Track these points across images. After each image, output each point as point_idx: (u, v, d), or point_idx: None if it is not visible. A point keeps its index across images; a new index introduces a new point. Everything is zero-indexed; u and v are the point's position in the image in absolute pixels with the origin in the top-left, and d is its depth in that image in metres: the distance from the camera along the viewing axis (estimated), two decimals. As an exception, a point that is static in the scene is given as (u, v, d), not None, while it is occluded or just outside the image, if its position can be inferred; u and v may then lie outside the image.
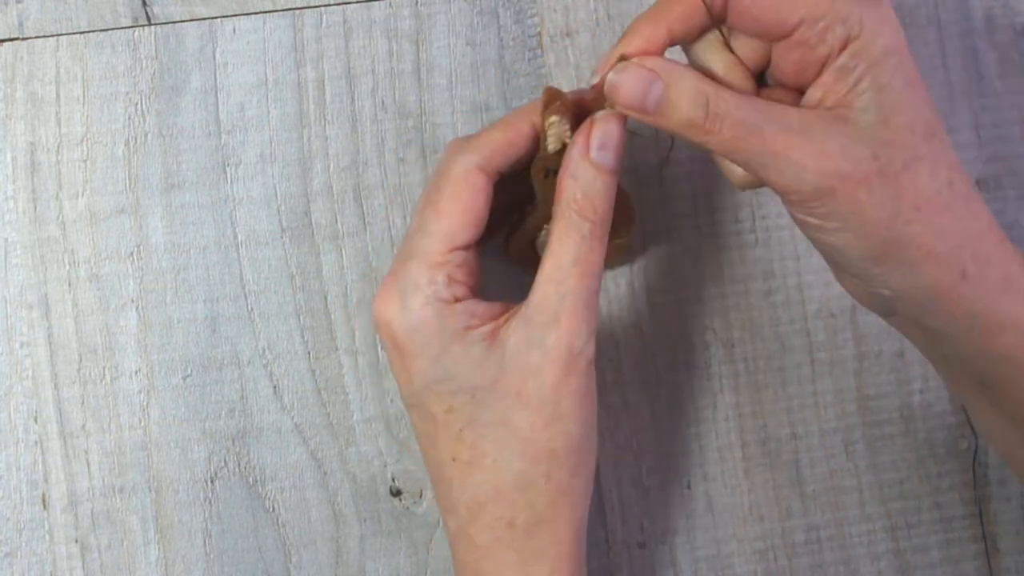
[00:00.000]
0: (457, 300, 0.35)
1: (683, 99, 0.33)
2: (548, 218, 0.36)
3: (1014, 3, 0.47)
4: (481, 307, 0.35)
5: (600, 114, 0.35)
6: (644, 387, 0.46)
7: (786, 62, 0.35)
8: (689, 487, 0.46)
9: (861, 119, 0.33)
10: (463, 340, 0.35)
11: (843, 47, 0.33)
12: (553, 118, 0.36)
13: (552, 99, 0.36)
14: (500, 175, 0.36)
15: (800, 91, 0.35)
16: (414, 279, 0.35)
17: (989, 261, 0.34)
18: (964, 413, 0.46)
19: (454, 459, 0.36)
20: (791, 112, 0.33)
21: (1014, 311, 0.34)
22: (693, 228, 0.46)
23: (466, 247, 0.36)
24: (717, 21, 0.35)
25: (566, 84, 0.46)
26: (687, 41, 0.35)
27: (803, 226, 0.35)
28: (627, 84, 0.33)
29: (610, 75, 0.34)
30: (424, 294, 0.35)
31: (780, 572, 0.45)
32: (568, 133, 0.36)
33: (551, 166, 0.36)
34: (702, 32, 0.35)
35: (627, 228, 0.40)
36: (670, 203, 0.46)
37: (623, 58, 0.34)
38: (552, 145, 0.36)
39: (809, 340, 0.46)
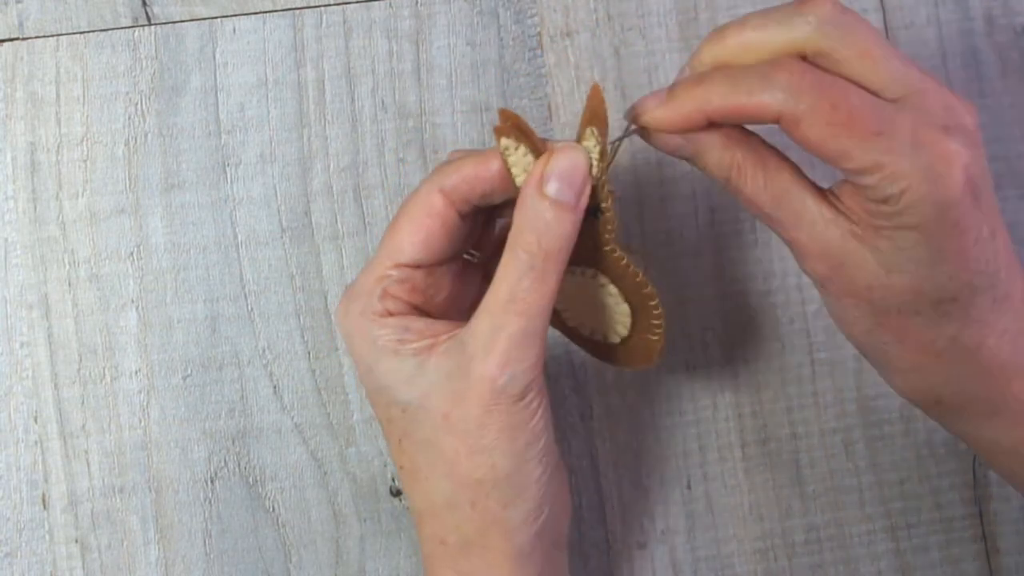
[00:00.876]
0: (390, 314, 0.35)
1: (710, 166, 0.34)
2: None
3: (1014, 3, 0.47)
4: (419, 323, 0.35)
5: (560, 144, 0.34)
6: (644, 387, 0.46)
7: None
8: (689, 487, 0.46)
9: (872, 252, 0.33)
10: (395, 354, 0.34)
11: (880, 203, 0.32)
12: (505, 142, 0.34)
13: (504, 122, 0.33)
14: (470, 205, 0.35)
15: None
16: (358, 288, 0.35)
17: None
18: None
19: (400, 467, 0.36)
20: (810, 205, 0.33)
21: None
22: (693, 228, 0.46)
23: (413, 265, 0.35)
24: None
25: (566, 84, 0.46)
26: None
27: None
28: (661, 137, 0.34)
29: (655, 113, 0.34)
30: (362, 303, 0.35)
31: (780, 572, 0.45)
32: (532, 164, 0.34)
33: None
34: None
35: (654, 325, 0.37)
36: (670, 203, 0.46)
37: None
38: (519, 177, 0.34)
39: (809, 340, 0.46)
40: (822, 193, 0.34)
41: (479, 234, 0.38)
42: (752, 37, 0.33)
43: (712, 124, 0.33)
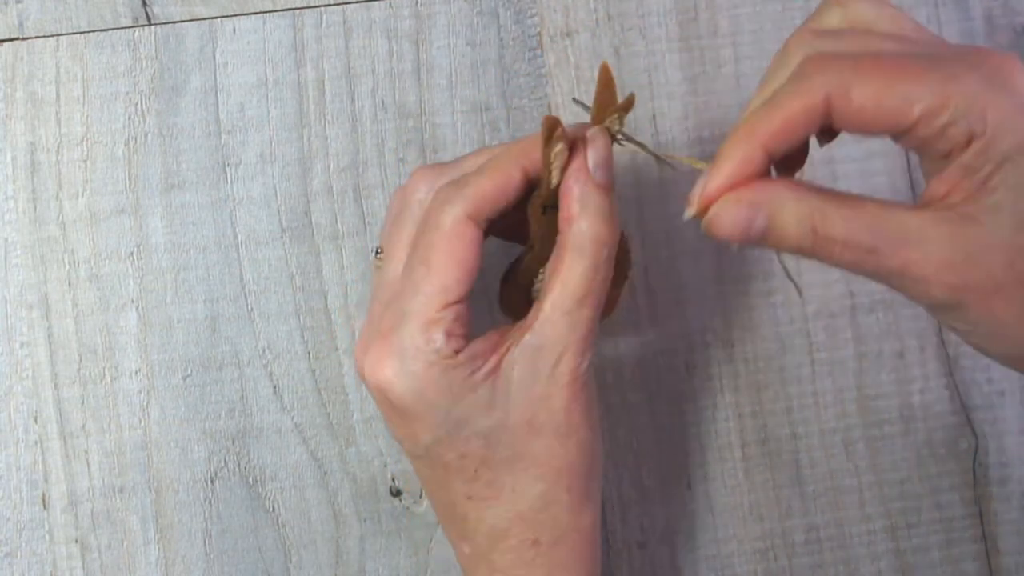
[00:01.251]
0: (457, 352, 0.34)
1: (789, 226, 0.30)
2: (545, 259, 0.35)
3: (1014, 3, 0.47)
4: (479, 346, 0.34)
5: (591, 132, 0.34)
6: (644, 387, 0.46)
7: (909, 148, 0.32)
8: (689, 487, 0.46)
9: (992, 221, 0.29)
10: (470, 387, 0.34)
11: (967, 144, 0.29)
12: (559, 147, 0.33)
13: (553, 128, 0.33)
14: (489, 221, 0.35)
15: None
16: (412, 342, 0.34)
17: None
18: (964, 413, 0.46)
19: (470, 497, 0.36)
20: (908, 219, 0.30)
21: None
22: (693, 228, 0.46)
23: (460, 301, 0.34)
24: (819, 128, 0.30)
25: (566, 84, 0.46)
26: (787, 153, 0.31)
27: (947, 328, 0.34)
28: (727, 221, 0.30)
29: (701, 192, 0.31)
30: (425, 356, 0.34)
31: (780, 572, 0.45)
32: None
33: (549, 203, 0.35)
34: (803, 141, 0.31)
35: (623, 278, 0.38)
36: (670, 203, 0.46)
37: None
38: (556, 178, 0.34)
39: (809, 340, 0.46)
40: (912, 205, 0.30)
41: None
42: (772, 81, 0.31)
43: (769, 164, 0.30)
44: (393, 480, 0.44)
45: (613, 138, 0.35)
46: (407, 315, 0.34)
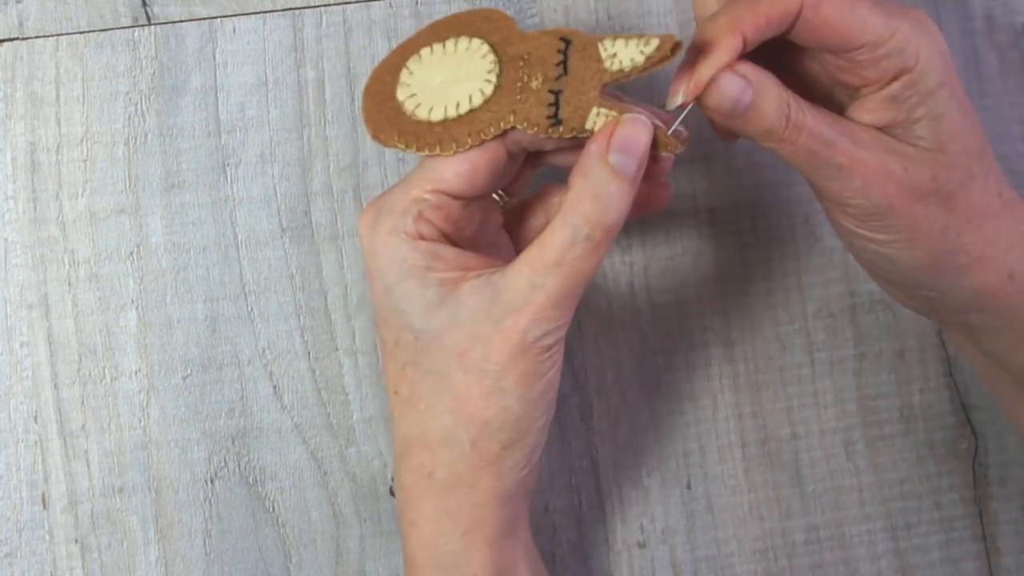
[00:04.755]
0: (422, 238, 0.35)
1: (769, 108, 0.34)
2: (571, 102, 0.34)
3: (1014, 3, 0.47)
4: (449, 252, 0.35)
5: (628, 116, 0.33)
6: (644, 387, 0.46)
7: (826, 72, 0.36)
8: (689, 487, 0.46)
9: (919, 144, 0.35)
10: (420, 279, 0.34)
11: (896, 77, 0.34)
12: (619, 42, 0.34)
13: (672, 47, 0.34)
14: (520, 147, 0.36)
15: (829, 100, 0.37)
16: (391, 204, 0.35)
17: None
18: (964, 413, 0.46)
19: (396, 392, 0.36)
20: (859, 130, 0.35)
21: None
22: (693, 228, 0.46)
23: (452, 195, 0.35)
24: (784, 31, 0.35)
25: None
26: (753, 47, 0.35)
27: (852, 237, 0.36)
28: (725, 89, 0.34)
29: (695, 76, 0.34)
30: (393, 221, 0.35)
31: (780, 572, 0.45)
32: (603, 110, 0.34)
33: (606, 80, 0.34)
34: (770, 40, 0.35)
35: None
36: (670, 203, 0.46)
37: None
38: (617, 66, 0.34)
39: (809, 340, 0.46)
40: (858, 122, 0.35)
41: (515, 177, 0.38)
42: None
43: (747, 52, 0.34)
44: (393, 480, 0.44)
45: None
46: (404, 182, 0.36)
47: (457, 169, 0.35)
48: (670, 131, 0.34)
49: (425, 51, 0.36)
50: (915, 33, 0.34)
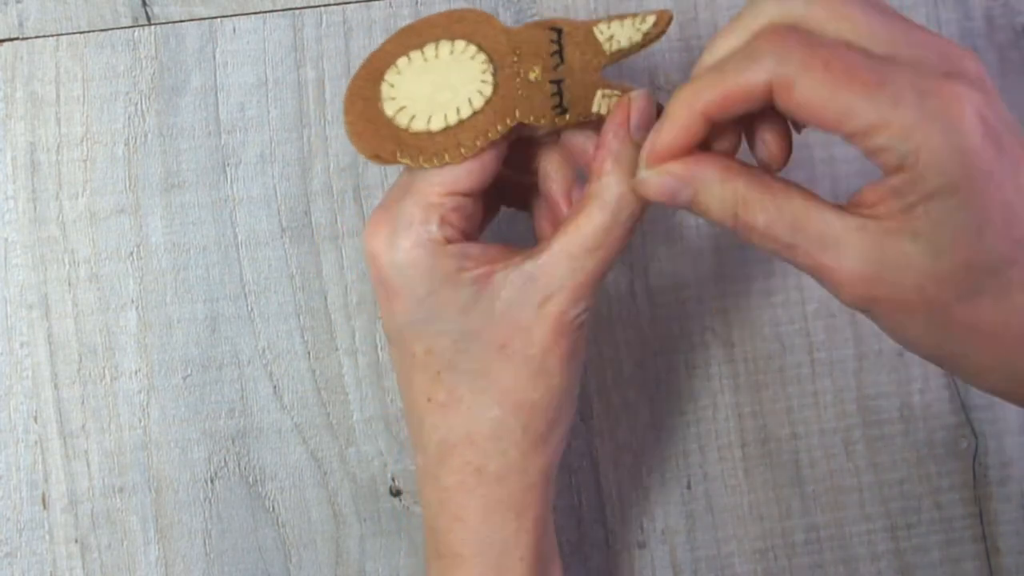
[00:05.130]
0: (449, 242, 0.34)
1: (712, 205, 0.31)
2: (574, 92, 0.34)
3: (1014, 3, 0.47)
4: (475, 249, 0.35)
5: (636, 93, 0.34)
6: (644, 387, 0.46)
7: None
8: (689, 487, 0.46)
9: (911, 245, 0.29)
10: (453, 283, 0.34)
11: (898, 169, 0.29)
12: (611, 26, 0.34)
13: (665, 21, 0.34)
14: (517, 134, 0.35)
15: None
16: (407, 216, 0.34)
17: None
18: (964, 413, 0.46)
19: (429, 399, 0.36)
20: (831, 221, 0.30)
21: None
22: (693, 228, 0.46)
23: (466, 193, 0.35)
24: (763, 106, 0.31)
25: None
26: (728, 120, 0.32)
27: None
28: (653, 187, 0.32)
29: (640, 174, 0.32)
30: (416, 233, 0.34)
31: (780, 572, 0.45)
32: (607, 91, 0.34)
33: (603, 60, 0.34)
34: (746, 113, 0.31)
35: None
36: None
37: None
38: (616, 46, 0.34)
39: (809, 340, 0.46)
40: (839, 207, 0.31)
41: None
42: (730, 39, 0.31)
43: (713, 131, 0.32)
44: (393, 480, 0.44)
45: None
46: (411, 191, 0.35)
47: (469, 167, 0.35)
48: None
49: (402, 61, 0.35)
50: (922, 125, 0.28)
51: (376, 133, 0.35)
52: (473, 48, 0.35)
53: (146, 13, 0.44)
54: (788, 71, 0.29)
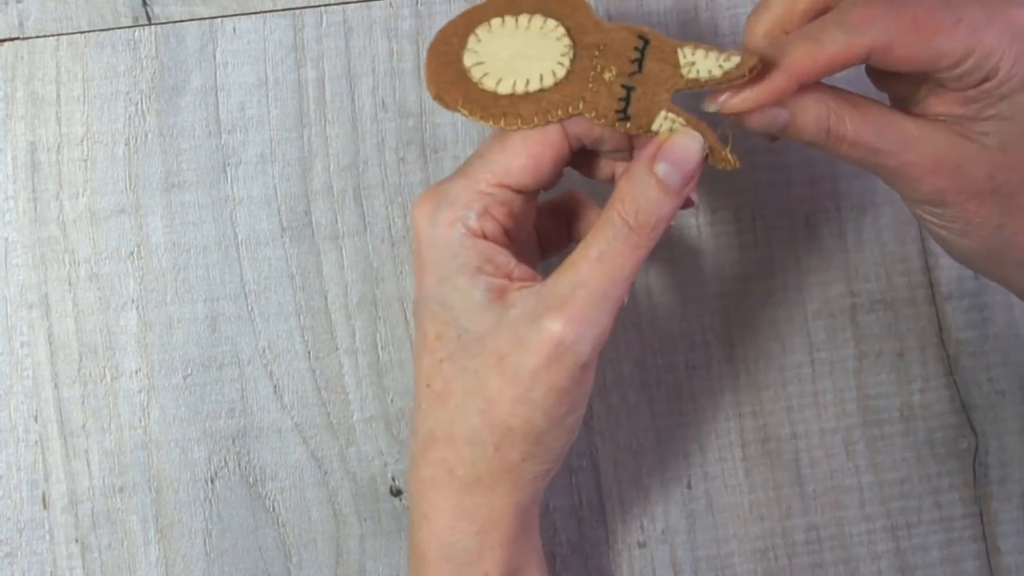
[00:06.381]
0: (485, 236, 0.35)
1: (807, 123, 0.34)
2: (654, 98, 0.35)
3: (1014, 3, 0.47)
4: (502, 257, 0.35)
5: (681, 131, 0.34)
6: (644, 387, 0.46)
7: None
8: (689, 487, 0.46)
9: (980, 140, 0.34)
10: (469, 279, 0.34)
11: (977, 84, 0.33)
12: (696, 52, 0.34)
13: (751, 66, 0.34)
14: (581, 143, 0.36)
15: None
16: (452, 195, 0.35)
17: None
18: (964, 413, 0.46)
19: (428, 385, 0.36)
20: (909, 125, 0.34)
21: None
22: (693, 228, 0.46)
23: (517, 190, 0.35)
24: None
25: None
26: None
27: (917, 217, 0.37)
28: (755, 117, 0.34)
29: (737, 100, 0.34)
30: (454, 213, 0.34)
31: (780, 572, 0.45)
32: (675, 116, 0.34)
33: (678, 86, 0.34)
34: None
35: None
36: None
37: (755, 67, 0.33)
38: (694, 75, 0.34)
39: (809, 340, 0.46)
40: (915, 115, 0.35)
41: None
42: None
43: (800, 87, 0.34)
44: (393, 480, 0.44)
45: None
46: (465, 174, 0.35)
47: (523, 163, 0.35)
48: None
49: (496, 21, 0.36)
50: (1001, 41, 0.33)
51: (448, 77, 0.36)
52: (562, 30, 0.35)
53: (146, 13, 0.44)
54: (887, 37, 0.33)
